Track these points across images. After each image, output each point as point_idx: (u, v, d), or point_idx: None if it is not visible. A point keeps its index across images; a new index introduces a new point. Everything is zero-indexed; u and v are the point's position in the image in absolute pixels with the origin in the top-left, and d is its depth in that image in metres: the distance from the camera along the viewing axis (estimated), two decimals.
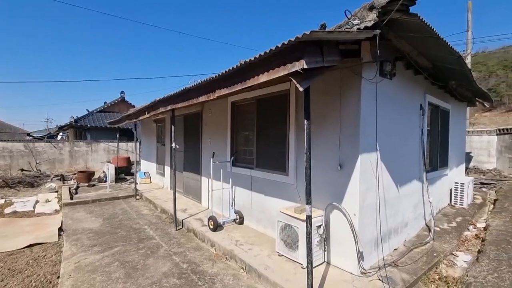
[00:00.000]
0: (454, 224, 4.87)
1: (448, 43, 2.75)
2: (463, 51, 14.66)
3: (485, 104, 7.20)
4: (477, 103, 6.94)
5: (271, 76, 2.04)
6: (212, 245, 4.11)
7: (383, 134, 3.32)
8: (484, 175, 9.04)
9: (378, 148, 3.20)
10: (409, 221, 4.15)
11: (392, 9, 1.96)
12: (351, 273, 3.03)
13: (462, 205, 5.84)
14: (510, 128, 9.20)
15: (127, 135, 14.66)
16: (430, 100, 4.54)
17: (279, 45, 1.83)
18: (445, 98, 5.29)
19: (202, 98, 3.20)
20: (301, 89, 1.86)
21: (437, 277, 3.22)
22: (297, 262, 3.25)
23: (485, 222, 5.04)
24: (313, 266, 3.13)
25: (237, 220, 4.77)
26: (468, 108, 13.71)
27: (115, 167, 9.89)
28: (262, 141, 4.38)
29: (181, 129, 7.06)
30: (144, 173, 9.62)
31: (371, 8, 2.06)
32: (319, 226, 3.19)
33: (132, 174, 10.40)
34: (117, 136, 9.19)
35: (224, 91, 2.70)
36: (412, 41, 2.93)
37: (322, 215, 3.25)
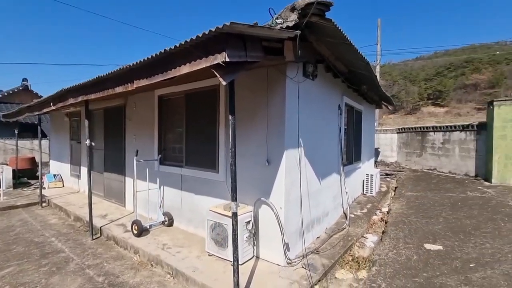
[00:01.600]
0: (365, 211, 5.59)
1: (358, 50, 3.11)
2: (374, 61, 17.05)
3: (389, 107, 8.53)
4: (383, 106, 8.16)
5: (193, 67, 1.92)
6: (136, 252, 3.74)
7: (306, 131, 3.55)
8: (388, 167, 10.74)
9: (302, 144, 3.41)
10: (330, 211, 4.58)
11: (312, 12, 2.07)
12: (278, 265, 3.15)
13: (372, 193, 6.78)
14: (406, 128, 11.16)
15: (33, 131, 12.28)
16: (347, 102, 5.10)
17: (200, 35, 1.73)
18: (358, 100, 6.03)
19: (119, 89, 2.84)
20: (224, 83, 1.81)
21: (350, 258, 3.62)
22: (228, 260, 3.21)
23: (388, 207, 5.96)
24: (243, 261, 3.18)
25: (165, 222, 4.46)
26: (377, 110, 16.06)
27: (14, 170, 8.15)
28: (192, 138, 4.19)
29: (100, 124, 6.24)
30: (55, 175, 8.18)
31: (293, 9, 2.15)
32: (248, 222, 3.22)
33: (38, 178, 8.74)
34: (16, 132, 7.57)
35: (144, 82, 2.44)
36: (330, 46, 3.21)
37: (251, 211, 3.30)
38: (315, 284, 2.89)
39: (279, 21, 2.22)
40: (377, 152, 11.66)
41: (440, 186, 7.09)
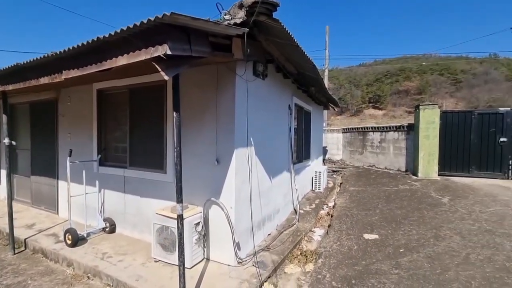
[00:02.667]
0: (313, 206, 5.90)
1: (305, 53, 3.25)
2: (322, 65, 18.12)
3: (335, 109, 9.16)
4: (330, 107, 8.72)
5: (132, 59, 1.76)
6: (70, 264, 3.33)
7: (257, 130, 3.57)
8: (334, 164, 11.54)
9: (252, 143, 3.42)
10: (281, 208, 4.71)
11: (259, 11, 2.08)
12: (229, 265, 3.11)
13: (320, 189, 7.19)
14: (350, 128, 12.13)
15: None
16: (297, 102, 5.31)
17: (138, 24, 1.58)
18: (307, 101, 6.33)
19: (44, 80, 2.47)
20: (166, 77, 1.69)
21: (299, 252, 3.77)
22: (176, 265, 3.03)
23: (334, 201, 6.38)
24: (192, 265, 3.07)
25: (107, 229, 4.07)
26: (325, 112, 17.11)
27: None
28: (137, 136, 3.89)
29: (26, 121, 5.41)
30: None
31: (241, 6, 2.13)
32: (197, 224, 3.11)
33: None
34: None
35: (74, 73, 2.16)
36: (280, 47, 3.28)
37: (201, 212, 3.19)
38: (265, 281, 2.92)
39: (227, 17, 2.18)
40: (325, 151, 12.43)
41: (377, 181, 7.86)
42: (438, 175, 7.58)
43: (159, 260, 3.19)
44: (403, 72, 54.70)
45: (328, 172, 9.40)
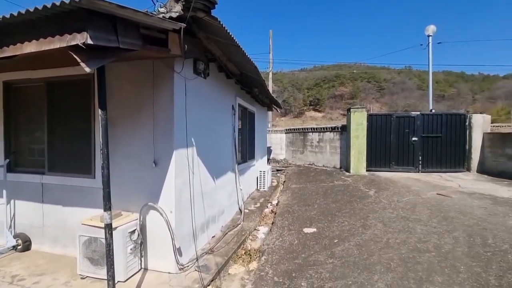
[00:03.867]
0: (258, 205, 6.02)
1: (246, 53, 3.28)
2: (267, 68, 18.70)
3: (278, 110, 9.54)
4: (273, 108, 9.04)
5: (43, 46, 1.51)
6: None
7: (199, 130, 3.47)
8: (278, 163, 12.02)
9: (194, 143, 3.31)
10: (225, 208, 4.67)
11: (196, 6, 2.01)
12: (169, 273, 2.94)
13: (264, 188, 7.38)
14: (292, 129, 12.81)
15: None
16: (240, 102, 5.35)
17: (49, 6, 1.36)
18: (251, 102, 6.44)
19: None
20: (87, 69, 1.49)
21: (243, 252, 3.79)
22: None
23: (277, 199, 6.63)
24: (128, 277, 2.80)
25: (18, 247, 3.44)
26: (270, 113, 17.68)
27: None
28: (57, 137, 3.39)
29: None
30: None
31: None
32: (133, 232, 2.86)
33: None
34: None
35: None
36: (221, 46, 3.25)
37: (137, 219, 2.95)
38: (208, 285, 2.85)
39: (162, 10, 2.05)
40: (269, 151, 12.85)
41: (316, 178, 8.46)
42: (366, 170, 8.53)
43: (87, 276, 2.84)
44: (338, 78, 60.31)
45: (272, 171, 9.73)
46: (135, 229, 2.89)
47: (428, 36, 12.46)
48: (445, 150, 8.58)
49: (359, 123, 8.50)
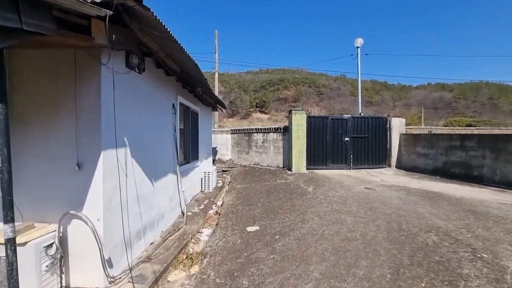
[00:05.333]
0: (202, 207, 5.87)
1: (185, 50, 3.16)
2: (213, 68, 18.48)
3: (223, 110, 9.49)
4: (218, 108, 8.96)
5: None
6: None
7: (134, 129, 3.21)
8: (224, 164, 11.97)
9: (127, 143, 3.04)
10: (166, 212, 4.42)
11: None
12: None
13: (209, 189, 7.24)
14: (237, 129, 12.90)
15: None
16: (182, 101, 5.14)
17: None
18: (194, 102, 6.25)
19: None
20: None
21: (185, 257, 3.63)
22: None
23: (222, 200, 6.57)
24: None
25: None
26: (216, 113, 17.49)
27: None
28: None
29: None
30: None
31: None
32: (49, 246, 2.47)
33: None
34: None
35: None
36: (158, 40, 3.06)
37: (55, 230, 2.56)
38: None
39: None
40: (215, 151, 12.69)
41: (261, 177, 8.68)
42: (307, 169, 9.11)
43: None
44: (282, 82, 63.22)
45: (218, 172, 9.62)
46: (52, 242, 2.51)
47: (357, 47, 13.98)
48: (371, 149, 9.73)
49: (299, 124, 9.02)
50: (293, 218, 4.66)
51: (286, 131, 9.95)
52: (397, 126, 9.94)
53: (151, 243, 3.78)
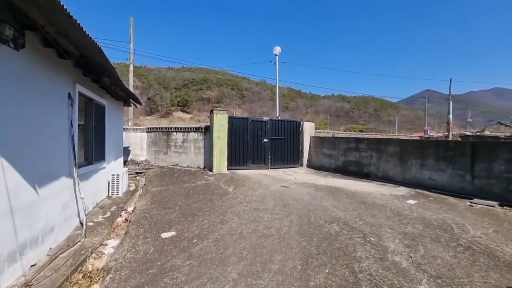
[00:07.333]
0: (108, 214, 5.10)
1: (84, 29, 2.63)
2: (127, 59, 16.63)
3: (137, 106, 8.57)
4: (132, 104, 8.03)
5: None
6: None
7: (4, 120, 2.49)
8: (138, 165, 10.84)
9: None
10: (57, 224, 3.63)
11: None
12: None
13: (118, 194, 6.38)
14: (154, 128, 11.92)
15: None
16: (82, 91, 4.33)
17: None
18: (101, 94, 5.40)
19: None
20: None
21: (81, 276, 3.05)
22: None
23: (134, 205, 5.88)
24: None
25: None
26: (131, 109, 15.73)
27: None
28: None
29: None
30: None
31: None
32: None
33: None
34: None
35: None
36: (46, 13, 2.46)
37: None
38: None
39: None
40: (127, 151, 11.36)
41: (180, 179, 8.21)
42: (228, 169, 9.13)
43: None
44: (205, 82, 62.35)
45: (130, 174, 8.64)
46: None
47: (275, 55, 14.96)
48: (287, 150, 10.54)
49: (221, 124, 8.98)
50: (212, 220, 4.54)
51: (207, 131, 9.75)
52: (308, 130, 11.09)
53: (32, 265, 3.01)
